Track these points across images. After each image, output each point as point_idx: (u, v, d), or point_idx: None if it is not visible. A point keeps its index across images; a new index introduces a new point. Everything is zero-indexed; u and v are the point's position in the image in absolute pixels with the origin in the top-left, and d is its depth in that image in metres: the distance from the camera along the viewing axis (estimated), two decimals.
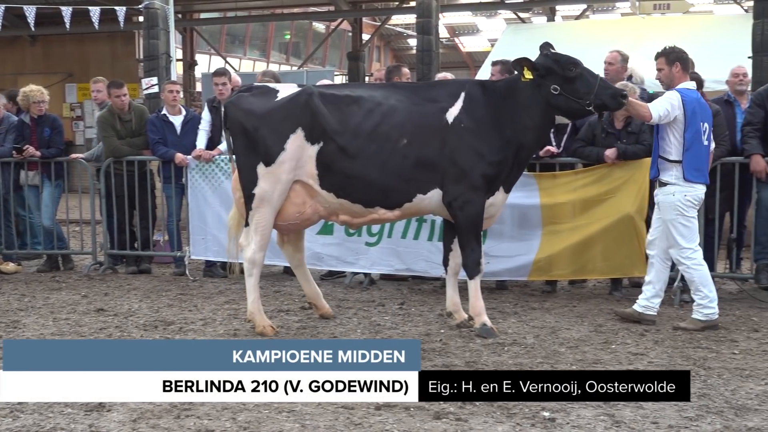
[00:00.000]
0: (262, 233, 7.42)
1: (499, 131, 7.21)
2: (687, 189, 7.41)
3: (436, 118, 7.23)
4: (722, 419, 5.08)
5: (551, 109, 7.22)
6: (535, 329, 7.57)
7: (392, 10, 29.01)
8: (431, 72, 16.74)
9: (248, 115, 7.32)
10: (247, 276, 7.52)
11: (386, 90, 7.58)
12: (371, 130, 7.18)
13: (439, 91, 7.47)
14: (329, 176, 7.25)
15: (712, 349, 6.81)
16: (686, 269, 7.51)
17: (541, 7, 27.97)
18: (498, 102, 7.29)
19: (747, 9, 23.83)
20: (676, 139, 7.40)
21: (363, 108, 7.25)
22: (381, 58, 40.75)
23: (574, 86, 7.13)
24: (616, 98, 7.14)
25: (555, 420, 5.09)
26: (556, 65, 7.19)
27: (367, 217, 7.46)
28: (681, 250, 7.46)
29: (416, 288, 9.68)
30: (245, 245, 7.51)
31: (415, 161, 7.16)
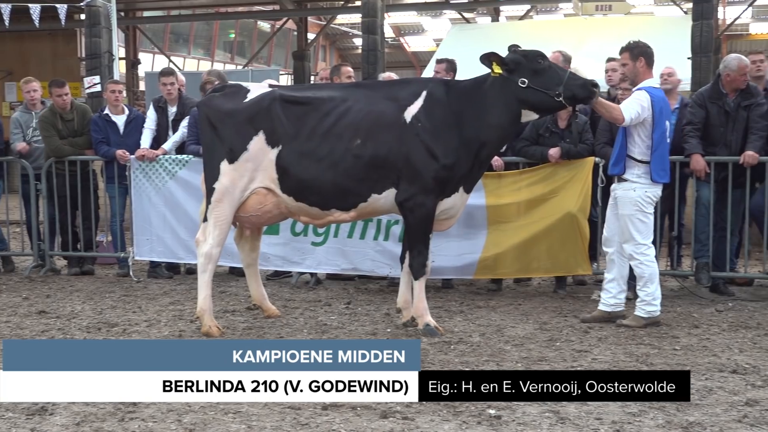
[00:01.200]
0: (221, 228, 7.36)
1: (457, 132, 7.13)
2: (647, 187, 7.48)
3: (393, 116, 7.15)
4: (664, 414, 5.15)
5: (519, 104, 7.12)
6: (481, 327, 7.61)
7: (337, 10, 29.00)
8: (376, 71, 16.74)
9: (215, 112, 7.36)
10: (201, 272, 7.43)
11: (349, 90, 7.55)
12: (325, 132, 7.14)
13: (401, 89, 7.38)
14: (287, 180, 7.22)
15: (654, 346, 6.91)
16: (638, 264, 7.56)
17: (486, 7, 28.17)
18: (461, 101, 7.21)
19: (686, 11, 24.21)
20: (641, 139, 7.44)
21: (321, 110, 7.21)
22: (326, 57, 40.70)
23: (543, 78, 7.03)
24: (587, 87, 7.06)
25: (501, 417, 5.12)
26: (524, 59, 7.11)
27: (324, 219, 7.43)
28: (636, 246, 7.51)
29: (363, 287, 9.69)
30: (202, 240, 7.44)
31: (368, 161, 7.09)
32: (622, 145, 7.54)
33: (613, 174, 7.70)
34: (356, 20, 28.85)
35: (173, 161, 10.02)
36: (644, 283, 7.58)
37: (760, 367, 6.23)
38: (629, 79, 7.69)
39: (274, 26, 33.11)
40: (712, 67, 14.81)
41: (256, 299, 8.00)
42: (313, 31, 30.29)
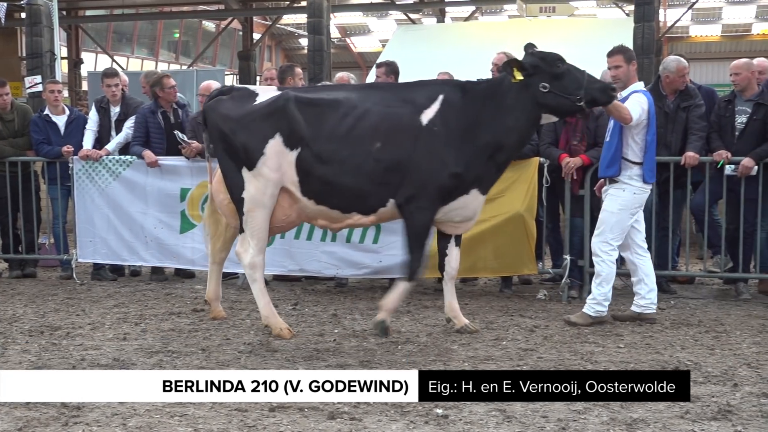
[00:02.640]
0: (259, 237, 7.14)
1: (472, 137, 6.98)
2: (637, 189, 7.58)
3: (410, 119, 6.99)
4: (609, 411, 5.21)
5: (539, 108, 7.03)
6: (428, 327, 7.64)
7: (283, 10, 28.93)
8: (323, 72, 16.75)
9: (226, 119, 7.13)
10: (252, 282, 7.24)
11: (364, 92, 7.38)
12: (345, 134, 6.96)
13: (417, 92, 7.20)
14: (308, 183, 7.04)
15: (598, 344, 6.99)
16: (600, 262, 7.64)
17: (431, 8, 28.28)
18: (478, 104, 7.08)
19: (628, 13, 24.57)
20: (635, 141, 7.53)
21: (338, 112, 7.04)
22: (272, 57, 40.53)
23: (563, 82, 6.94)
24: (606, 92, 7.05)
25: (448, 417, 5.14)
26: (543, 63, 7.00)
27: (344, 222, 7.25)
28: (604, 243, 7.60)
29: (310, 288, 9.67)
30: (242, 252, 7.22)
31: (388, 165, 6.92)
32: (617, 147, 7.57)
33: (607, 176, 7.70)
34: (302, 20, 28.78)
35: (117, 162, 9.91)
36: (600, 281, 7.66)
37: (702, 364, 6.33)
38: (621, 81, 7.66)
39: (219, 26, 32.93)
40: (653, 69, 15.04)
41: (209, 296, 7.79)
42: (258, 31, 30.17)
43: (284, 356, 6.61)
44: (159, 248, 9.94)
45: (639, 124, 7.47)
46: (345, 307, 8.58)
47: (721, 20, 35.45)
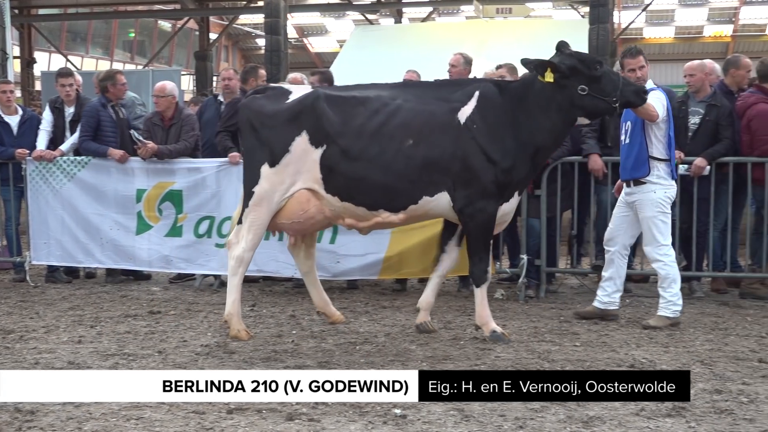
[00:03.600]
0: (255, 232, 7.13)
1: (514, 134, 6.94)
2: (667, 187, 7.61)
3: (447, 117, 6.93)
4: (565, 409, 5.25)
5: (575, 110, 7.02)
6: (386, 327, 7.65)
7: (240, 10, 28.81)
8: (280, 73, 16.70)
9: (257, 115, 7.15)
10: (231, 275, 7.18)
11: (396, 90, 7.29)
12: (375, 131, 6.91)
13: (452, 90, 7.16)
14: (333, 179, 6.98)
15: (555, 342, 7.04)
16: (662, 266, 7.62)
17: (388, 9, 28.31)
18: (514, 103, 7.03)
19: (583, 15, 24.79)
20: (657, 139, 7.57)
21: (369, 109, 6.99)
22: (229, 57, 40.34)
23: (601, 85, 6.91)
24: (640, 95, 7.09)
25: (406, 417, 5.15)
26: (582, 65, 6.95)
27: (371, 220, 7.16)
28: (658, 247, 7.59)
29: (267, 289, 9.63)
30: (234, 243, 7.18)
31: (421, 162, 6.86)
32: (641, 147, 7.58)
33: (636, 177, 7.65)
34: (259, 20, 28.64)
35: (71, 162, 9.80)
36: (668, 283, 7.63)
37: (656, 362, 6.41)
38: (643, 80, 7.70)
39: (175, 26, 32.69)
40: None
41: (318, 306, 7.62)
42: (215, 31, 30.01)
43: (242, 358, 6.57)
44: (114, 250, 9.84)
45: (661, 121, 7.52)
46: (303, 308, 8.56)
47: (674, 22, 35.92)
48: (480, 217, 6.92)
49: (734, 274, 9.24)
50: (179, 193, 9.64)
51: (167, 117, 9.91)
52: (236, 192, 9.39)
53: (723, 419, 5.08)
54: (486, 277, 7.11)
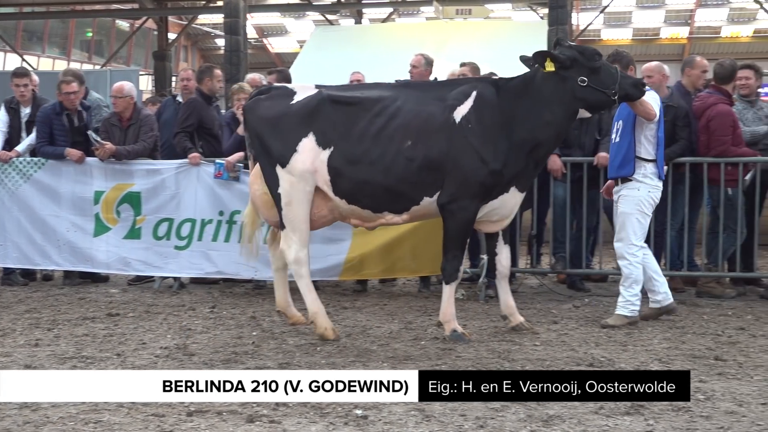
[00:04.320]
0: (300, 230, 7.12)
1: (508, 134, 6.98)
2: (651, 187, 7.68)
3: (443, 117, 6.98)
4: (525, 408, 5.27)
5: (576, 102, 7.06)
6: (347, 328, 7.64)
7: (199, 9, 28.61)
8: (239, 73, 16.64)
9: (262, 119, 7.19)
10: (298, 278, 7.19)
11: (397, 90, 7.33)
12: (375, 134, 6.95)
13: (450, 89, 7.20)
14: (340, 182, 7.02)
15: (515, 342, 7.07)
16: (627, 265, 7.70)
17: (349, 9, 28.30)
18: (513, 100, 7.06)
19: (542, 16, 24.97)
20: (647, 139, 7.64)
21: (371, 111, 7.03)
22: (188, 57, 40.06)
23: (600, 77, 6.98)
24: (638, 87, 7.18)
25: (367, 417, 5.14)
26: (582, 56, 7.01)
27: (376, 222, 7.25)
28: (629, 246, 7.68)
29: (228, 291, 9.59)
30: (286, 248, 7.16)
31: (421, 163, 6.90)
32: (629, 146, 7.66)
33: (621, 176, 7.76)
34: (218, 20, 28.48)
35: (28, 163, 9.69)
36: (630, 283, 7.71)
37: (615, 360, 6.46)
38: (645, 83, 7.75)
39: (134, 25, 32.42)
40: None
41: (280, 305, 7.65)
42: (174, 31, 29.80)
43: (202, 359, 6.53)
44: (72, 252, 9.74)
45: (651, 121, 7.60)
46: (263, 309, 8.53)
47: (632, 24, 36.27)
48: (460, 215, 6.99)
49: (691, 273, 9.35)
50: (138, 195, 9.57)
51: (125, 118, 9.82)
52: (195, 193, 9.40)
53: (680, 416, 5.13)
54: (457, 276, 7.15)
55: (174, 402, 5.36)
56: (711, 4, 33.93)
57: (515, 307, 7.55)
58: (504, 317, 7.55)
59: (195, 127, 9.79)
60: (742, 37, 35.86)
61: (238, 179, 9.32)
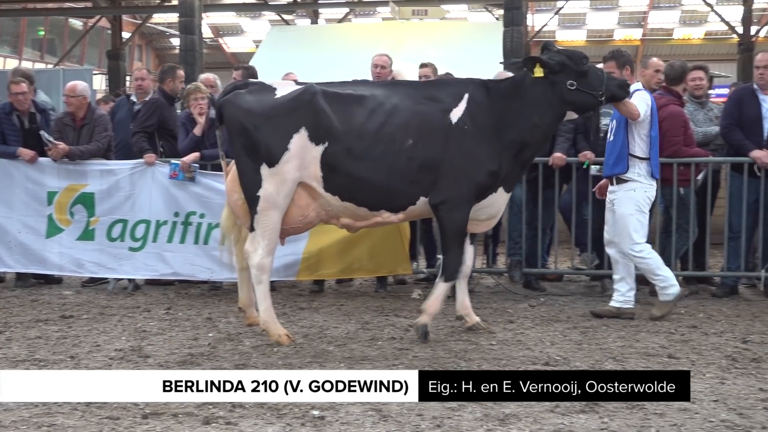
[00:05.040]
0: (270, 237, 6.98)
1: (500, 135, 7.06)
2: (647, 186, 7.82)
3: (440, 118, 7.00)
4: (482, 408, 5.30)
5: (565, 105, 7.16)
6: (304, 329, 7.62)
7: (153, 8, 28.41)
8: (195, 73, 16.52)
9: (248, 113, 6.94)
10: (257, 283, 7.04)
11: (387, 88, 7.29)
12: (376, 131, 6.90)
13: (442, 90, 7.22)
14: (334, 178, 6.92)
15: (471, 341, 7.10)
16: (641, 261, 7.87)
17: (305, 9, 28.25)
18: (503, 102, 7.13)
19: (498, 17, 25.11)
20: (640, 137, 7.77)
21: (366, 107, 6.97)
22: (142, 57, 39.74)
23: (588, 79, 7.10)
24: (624, 88, 7.34)
25: (324, 418, 5.14)
26: (570, 60, 7.11)
27: (371, 220, 7.18)
28: (633, 245, 7.80)
29: (183, 292, 9.51)
30: (251, 251, 7.01)
31: (420, 163, 6.92)
32: (623, 144, 7.80)
33: (615, 174, 7.89)
34: (173, 20, 28.34)
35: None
36: (654, 272, 7.90)
37: (570, 359, 6.52)
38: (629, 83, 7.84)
39: (87, 24, 32.05)
40: None
41: (243, 304, 7.52)
42: (128, 30, 29.54)
43: (157, 362, 6.48)
44: (24, 254, 9.60)
45: (644, 120, 7.73)
46: (220, 310, 8.48)
47: (586, 25, 36.64)
48: (456, 214, 7.06)
49: None
50: (91, 196, 9.45)
51: (79, 117, 9.70)
52: (150, 194, 9.31)
53: (635, 414, 5.19)
54: (455, 276, 7.23)
55: (129, 404, 5.32)
56: (663, 6, 34.40)
57: (471, 308, 7.58)
58: (459, 317, 7.59)
59: (156, 127, 9.70)
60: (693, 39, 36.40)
61: (194, 180, 9.25)
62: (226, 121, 7.12)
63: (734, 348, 6.88)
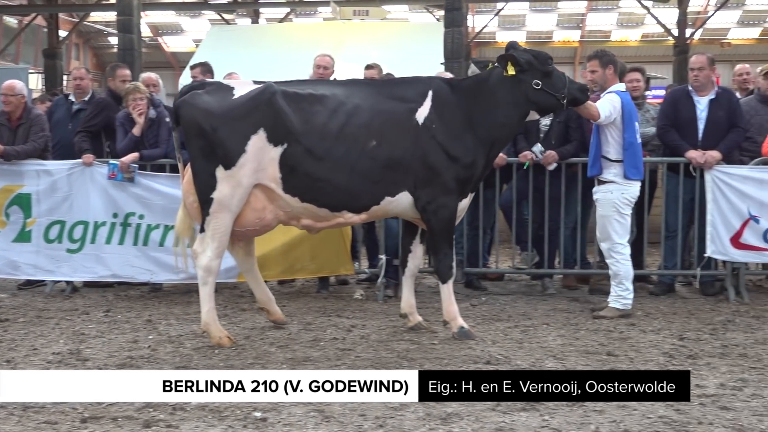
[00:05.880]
0: (220, 240, 6.88)
1: (471, 131, 7.06)
2: (624, 187, 7.92)
3: (405, 118, 6.96)
4: (425, 407, 5.32)
5: (529, 104, 7.18)
6: (246, 330, 7.58)
7: (91, 7, 28.04)
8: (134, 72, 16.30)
9: (206, 114, 6.79)
10: (202, 285, 6.94)
11: (349, 88, 7.21)
12: (338, 131, 6.82)
13: (405, 89, 7.18)
14: (294, 179, 6.82)
15: (414, 341, 7.13)
16: (614, 263, 8.00)
17: (245, 9, 28.10)
18: (468, 100, 7.13)
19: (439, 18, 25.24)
20: (614, 139, 7.86)
21: (327, 107, 6.88)
22: (80, 56, 39.15)
23: (552, 80, 7.14)
24: (585, 92, 7.40)
25: (266, 420, 5.12)
26: (536, 60, 7.13)
27: (332, 221, 7.10)
28: (613, 245, 7.95)
29: (122, 294, 9.40)
30: (200, 252, 6.91)
31: (384, 163, 6.87)
32: (596, 146, 7.94)
33: (592, 175, 8.07)
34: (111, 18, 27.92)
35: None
36: (620, 280, 8.01)
37: (511, 357, 6.57)
38: (598, 84, 8.01)
39: (22, 22, 31.47)
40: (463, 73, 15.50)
41: (262, 302, 7.56)
42: (65, 29, 29.10)
43: (96, 365, 6.40)
44: None
45: (615, 122, 7.82)
46: (160, 312, 8.40)
47: (525, 27, 37.00)
48: (443, 213, 7.07)
49: (584, 270, 9.58)
50: (28, 197, 9.29)
51: (15, 117, 9.53)
52: (88, 195, 9.19)
53: (574, 411, 5.25)
54: (452, 273, 7.25)
55: (68, 408, 5.25)
56: (601, 8, 34.87)
57: (415, 307, 7.61)
58: (403, 315, 7.60)
59: (101, 126, 9.58)
60: (630, 41, 36.97)
61: (133, 180, 9.14)
62: (182, 122, 7.01)
63: (671, 345, 7.00)
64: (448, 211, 7.10)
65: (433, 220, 7.10)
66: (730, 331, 7.57)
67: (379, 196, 7.02)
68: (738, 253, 8.93)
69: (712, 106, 8.99)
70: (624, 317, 7.98)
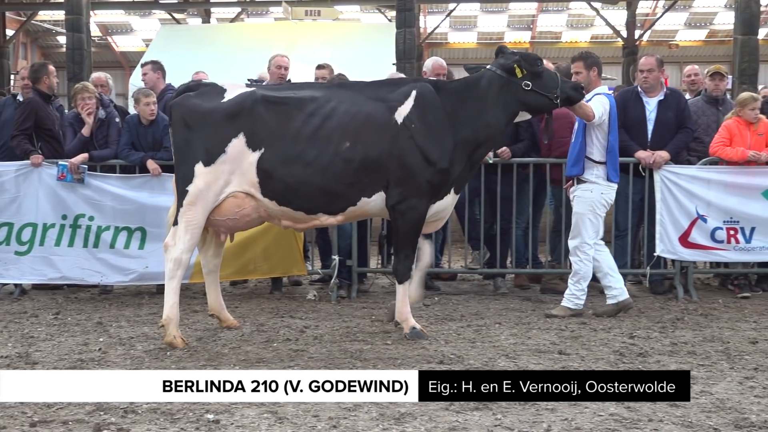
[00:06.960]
0: (192, 233, 6.90)
1: (452, 134, 7.04)
2: (605, 189, 7.94)
3: (383, 117, 6.96)
4: (378, 408, 5.32)
5: (519, 106, 7.20)
6: (198, 332, 7.53)
7: (38, 6, 27.66)
8: (83, 71, 16.17)
9: (192, 113, 6.93)
10: (169, 278, 6.90)
11: (331, 90, 7.23)
12: (311, 134, 6.84)
13: (388, 90, 7.17)
14: (270, 183, 6.85)
15: (367, 342, 7.13)
16: (578, 261, 8.01)
17: (196, 8, 27.90)
18: (453, 102, 7.12)
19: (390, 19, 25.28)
20: (599, 140, 7.88)
21: (304, 111, 6.91)
22: (27, 55, 38.51)
23: (543, 81, 7.16)
24: (578, 90, 7.42)
25: (219, 422, 5.09)
26: (525, 62, 7.16)
27: (309, 223, 7.13)
28: (581, 244, 7.97)
29: (72, 296, 9.29)
30: (171, 245, 6.90)
31: (359, 164, 6.87)
32: (581, 147, 7.92)
33: (573, 175, 8.04)
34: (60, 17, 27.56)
35: None
36: (578, 279, 8.05)
37: (464, 357, 6.60)
38: (583, 86, 7.93)
39: None
40: (414, 73, 15.56)
41: (213, 309, 7.53)
42: (12, 28, 28.64)
43: (45, 368, 6.30)
44: None
45: (602, 124, 7.85)
46: (111, 314, 8.31)
47: (477, 28, 37.14)
48: (411, 215, 7.06)
49: (536, 270, 9.67)
50: None
51: None
52: (36, 196, 9.06)
53: (527, 410, 5.29)
54: (409, 275, 7.24)
55: (16, 413, 5.18)
56: (551, 10, 35.11)
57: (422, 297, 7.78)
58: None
59: (34, 129, 9.42)
60: (580, 42, 37.28)
61: (83, 181, 9.04)
62: (172, 121, 7.21)
63: (622, 343, 7.08)
64: (417, 213, 7.10)
65: (400, 220, 7.11)
66: (679, 329, 7.69)
67: (355, 198, 7.05)
68: (687, 252, 9.07)
69: (660, 107, 9.13)
70: (575, 316, 8.06)
